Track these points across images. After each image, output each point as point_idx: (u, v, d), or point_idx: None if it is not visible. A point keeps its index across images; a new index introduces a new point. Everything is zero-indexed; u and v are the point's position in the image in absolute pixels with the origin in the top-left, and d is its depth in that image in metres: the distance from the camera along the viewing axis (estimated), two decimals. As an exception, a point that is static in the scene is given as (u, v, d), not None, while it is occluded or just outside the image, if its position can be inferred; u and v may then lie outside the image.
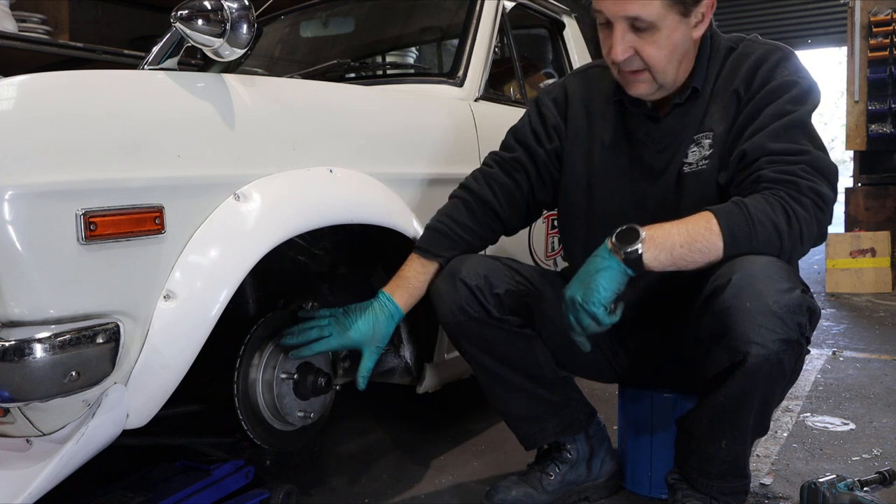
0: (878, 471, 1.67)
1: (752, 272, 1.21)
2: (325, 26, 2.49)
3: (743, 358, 1.21)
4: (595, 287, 1.24)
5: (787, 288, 1.21)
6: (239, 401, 1.38)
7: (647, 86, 1.38)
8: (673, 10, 1.30)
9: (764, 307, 1.19)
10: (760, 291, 1.19)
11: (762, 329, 1.19)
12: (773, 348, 1.19)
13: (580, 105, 1.56)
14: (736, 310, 1.20)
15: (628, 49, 1.33)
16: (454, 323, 1.46)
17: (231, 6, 1.13)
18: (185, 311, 1.13)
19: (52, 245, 1.00)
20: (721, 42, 1.44)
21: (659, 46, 1.32)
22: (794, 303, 1.20)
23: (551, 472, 1.60)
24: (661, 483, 1.60)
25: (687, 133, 1.42)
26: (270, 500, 1.51)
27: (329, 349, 1.43)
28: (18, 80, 1.04)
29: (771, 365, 1.21)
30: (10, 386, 0.99)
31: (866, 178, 5.12)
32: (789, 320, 1.20)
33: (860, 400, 2.33)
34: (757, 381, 1.23)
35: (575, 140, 1.54)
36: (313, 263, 1.66)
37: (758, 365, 1.20)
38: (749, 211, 1.23)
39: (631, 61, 1.34)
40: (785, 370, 1.24)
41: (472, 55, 2.01)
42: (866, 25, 5.03)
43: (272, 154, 1.30)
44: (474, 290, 1.44)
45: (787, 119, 1.30)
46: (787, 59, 1.38)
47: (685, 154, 1.41)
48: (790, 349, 1.21)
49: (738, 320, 1.20)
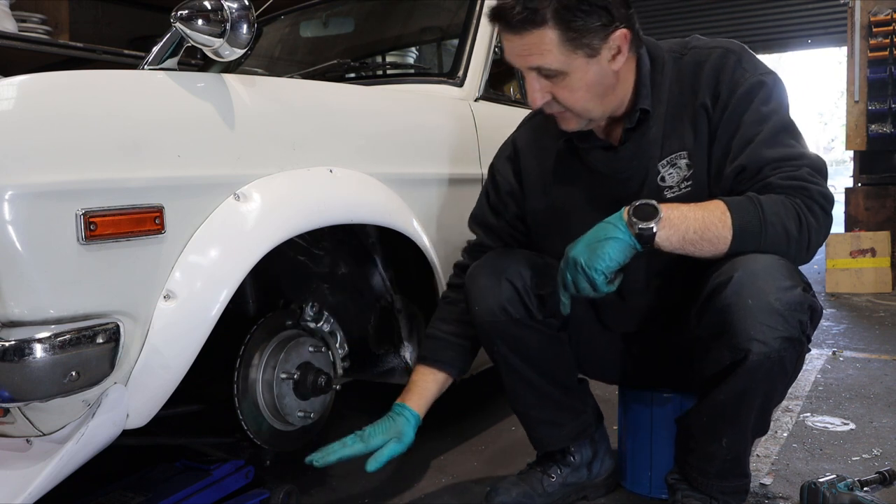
0: (878, 471, 1.67)
1: (754, 270, 1.21)
2: (325, 26, 2.49)
3: (744, 356, 1.20)
4: (601, 254, 1.22)
5: (789, 286, 1.20)
6: (239, 401, 1.38)
7: (576, 122, 1.35)
8: (577, 55, 1.26)
9: (766, 304, 1.18)
10: (762, 289, 1.19)
11: (764, 326, 1.19)
12: (775, 346, 1.19)
13: (530, 155, 1.54)
14: (737, 307, 1.20)
15: (545, 95, 1.30)
16: (493, 322, 1.43)
17: (231, 6, 1.13)
18: (185, 311, 1.13)
19: (52, 245, 1.00)
20: (662, 54, 1.39)
21: (572, 90, 1.29)
22: (796, 300, 1.20)
23: (552, 474, 1.60)
24: (661, 483, 1.60)
25: (650, 154, 1.37)
26: (270, 500, 1.51)
27: (353, 454, 1.42)
28: (18, 80, 1.04)
29: (772, 363, 1.21)
30: (10, 386, 0.99)
31: (866, 178, 5.12)
32: (791, 318, 1.19)
33: (860, 400, 2.33)
34: (758, 379, 1.23)
35: (532, 191, 1.52)
36: (313, 263, 1.66)
37: (759, 363, 1.20)
38: (763, 211, 1.22)
39: (550, 105, 1.32)
40: (786, 368, 1.24)
41: (472, 55, 2.01)
42: (866, 25, 5.03)
43: (272, 154, 1.30)
44: (520, 290, 1.41)
45: (772, 124, 1.29)
46: (742, 57, 1.35)
47: (660, 177, 1.37)
48: (791, 347, 1.21)
49: (739, 318, 1.20)
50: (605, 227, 1.25)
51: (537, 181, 1.52)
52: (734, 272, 1.22)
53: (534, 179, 1.52)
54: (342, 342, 1.65)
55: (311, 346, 1.50)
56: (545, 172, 1.51)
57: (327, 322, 1.60)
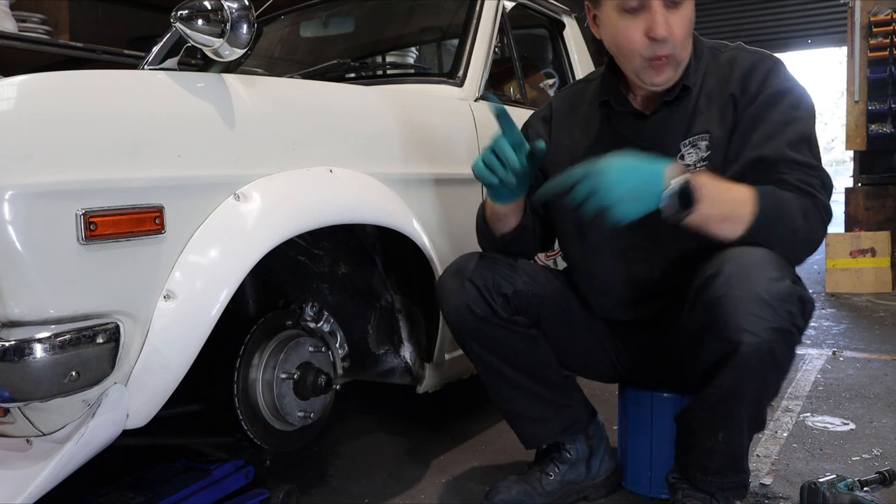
0: (878, 471, 1.67)
1: (743, 262, 1.23)
2: (325, 26, 2.49)
3: (735, 347, 1.22)
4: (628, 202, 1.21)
5: (778, 277, 1.22)
6: (239, 401, 1.38)
7: (671, 70, 1.36)
8: None
9: (754, 296, 1.20)
10: (751, 281, 1.21)
11: (753, 317, 1.20)
12: (765, 336, 1.20)
13: (564, 118, 1.59)
14: (726, 299, 1.22)
15: (670, 24, 1.30)
16: (460, 322, 1.47)
17: (231, 6, 1.13)
18: (185, 311, 1.13)
19: (52, 245, 1.00)
20: (703, 46, 1.44)
21: (683, 25, 1.32)
22: (785, 291, 1.22)
23: (551, 472, 1.60)
24: (661, 483, 1.60)
25: (674, 132, 1.41)
26: (270, 500, 1.51)
27: None
28: (18, 80, 1.04)
29: (763, 354, 1.22)
30: (10, 386, 0.99)
31: (866, 178, 5.12)
32: (780, 308, 1.21)
33: (860, 400, 2.33)
34: (750, 371, 1.25)
35: (558, 149, 1.56)
36: (313, 263, 1.66)
37: (750, 354, 1.22)
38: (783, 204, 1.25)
39: (665, 43, 1.31)
40: (777, 359, 1.25)
41: (472, 55, 2.01)
42: (866, 25, 5.03)
43: (272, 154, 1.30)
44: (482, 289, 1.45)
45: (798, 129, 1.32)
46: (779, 66, 1.39)
47: (679, 155, 1.41)
48: (782, 338, 1.23)
49: (728, 309, 1.22)
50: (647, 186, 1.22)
51: (564, 141, 1.56)
52: (724, 265, 1.24)
53: (561, 138, 1.57)
54: (342, 342, 1.65)
55: (311, 346, 1.50)
56: (574, 134, 1.55)
57: (327, 322, 1.61)
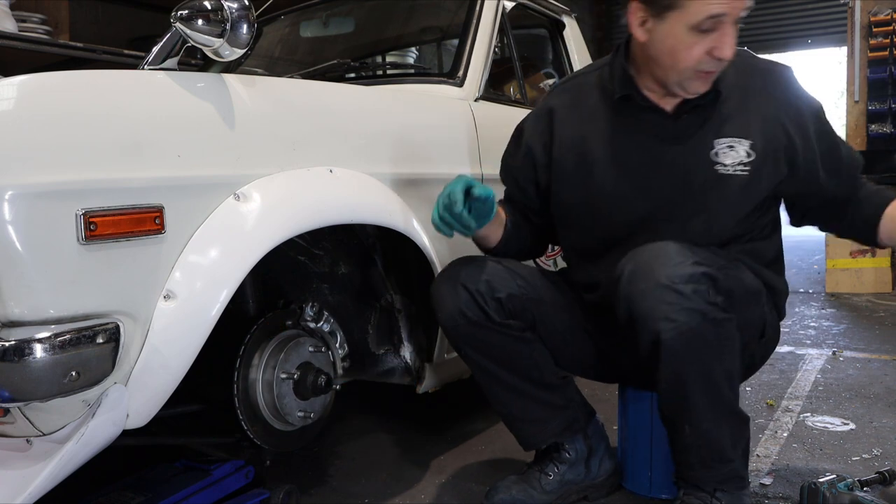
0: (878, 471, 1.67)
1: (641, 258, 1.31)
2: (325, 26, 2.49)
3: (657, 337, 1.27)
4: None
5: (678, 262, 1.28)
6: (239, 401, 1.38)
7: (711, 80, 1.40)
8: None
9: (655, 284, 1.26)
10: (651, 271, 1.28)
11: (662, 304, 1.26)
12: (681, 319, 1.25)
13: (567, 112, 1.57)
14: (634, 295, 1.29)
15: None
16: (454, 326, 1.48)
17: (231, 6, 1.13)
18: (185, 311, 1.13)
19: (52, 245, 1.00)
20: None
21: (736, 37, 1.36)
22: (686, 273, 1.27)
23: (550, 472, 1.60)
24: (660, 483, 1.60)
25: (703, 130, 1.44)
26: (270, 500, 1.51)
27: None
28: (18, 80, 1.04)
29: (687, 337, 1.26)
30: (11, 386, 0.99)
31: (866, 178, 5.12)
32: (685, 289, 1.25)
33: (860, 400, 2.33)
34: (681, 357, 1.28)
35: (562, 145, 1.55)
36: (313, 263, 1.66)
37: (673, 339, 1.26)
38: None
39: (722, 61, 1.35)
40: (708, 340, 1.28)
41: (471, 55, 2.00)
42: (866, 25, 5.03)
43: (272, 154, 1.30)
44: (475, 294, 1.46)
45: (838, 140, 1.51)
46: (793, 74, 1.49)
47: (714, 152, 1.43)
48: (699, 317, 1.26)
49: (638, 304, 1.28)
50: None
51: (571, 135, 1.55)
52: (626, 265, 1.32)
53: (568, 134, 1.56)
54: (342, 342, 1.65)
55: (311, 346, 1.50)
56: (583, 128, 1.54)
57: (327, 322, 1.61)
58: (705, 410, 1.34)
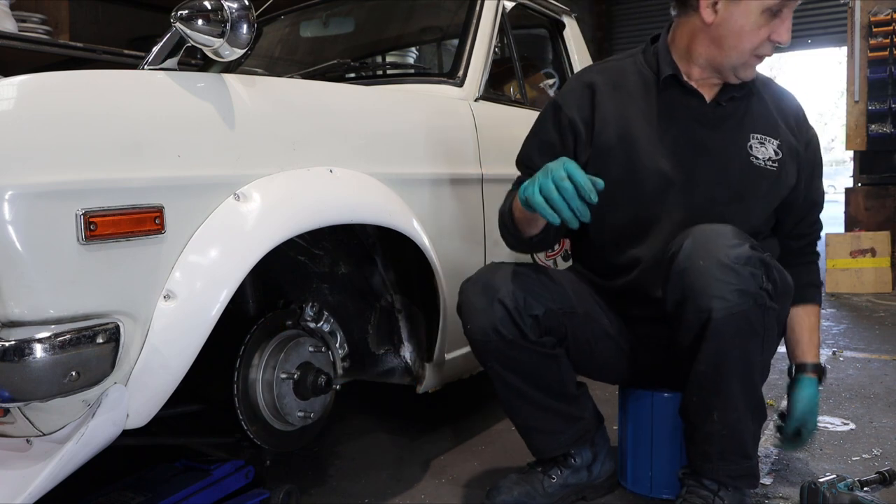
0: (878, 471, 1.67)
1: (702, 235, 1.33)
2: (325, 26, 2.49)
3: (708, 315, 1.28)
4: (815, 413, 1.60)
5: (736, 243, 1.30)
6: (239, 401, 1.38)
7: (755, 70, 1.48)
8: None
9: (716, 262, 1.28)
10: (711, 249, 1.29)
11: (718, 283, 1.27)
12: (733, 300, 1.27)
13: (608, 89, 1.56)
14: (691, 270, 1.30)
15: None
16: (485, 342, 1.44)
17: (231, 6, 1.13)
18: (185, 311, 1.13)
19: (52, 245, 1.00)
20: None
21: None
22: (745, 254, 1.29)
23: (553, 476, 1.59)
24: (661, 483, 1.60)
25: (744, 124, 1.51)
26: (270, 500, 1.51)
27: None
28: (18, 80, 1.04)
29: (737, 319, 1.28)
30: (11, 386, 0.99)
31: (866, 178, 5.11)
32: (742, 271, 1.28)
33: (860, 400, 2.33)
34: (727, 338, 1.29)
35: (605, 120, 1.53)
36: (313, 263, 1.66)
37: (723, 320, 1.28)
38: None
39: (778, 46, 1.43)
40: (753, 325, 1.30)
41: (472, 55, 2.01)
42: (866, 25, 5.03)
43: (272, 154, 1.30)
44: (512, 311, 1.41)
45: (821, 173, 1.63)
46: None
47: (749, 145, 1.50)
48: (751, 301, 1.28)
49: (694, 279, 1.29)
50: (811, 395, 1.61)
51: (614, 112, 1.54)
52: (684, 240, 1.33)
53: (610, 110, 1.55)
54: (342, 342, 1.65)
55: (311, 346, 1.50)
56: (623, 105, 1.54)
57: (327, 322, 1.60)
58: (737, 398, 1.34)
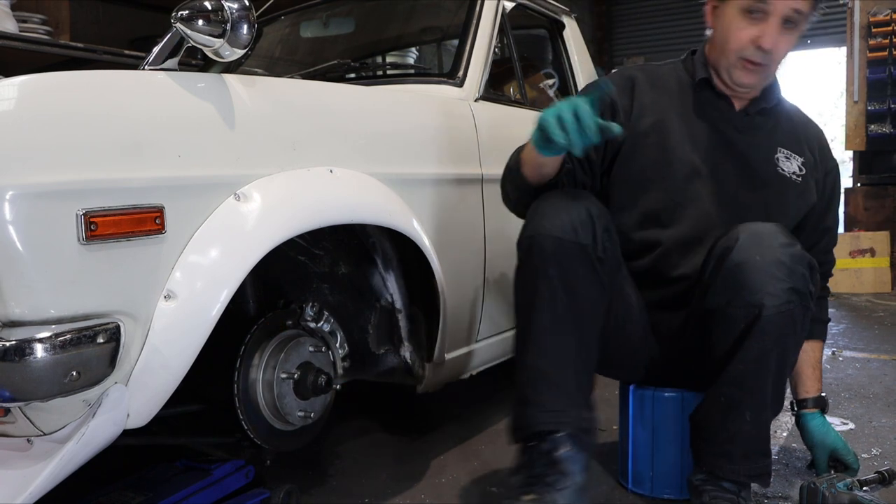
0: (878, 471, 1.67)
1: (757, 231, 1.35)
2: (325, 26, 2.49)
3: (759, 311, 1.29)
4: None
5: (789, 242, 1.34)
6: (239, 401, 1.38)
7: (757, 78, 1.50)
8: (811, 13, 1.45)
9: (772, 257, 1.30)
10: (767, 245, 1.31)
11: (773, 279, 1.29)
12: (784, 297, 1.29)
13: (646, 86, 1.60)
14: (747, 264, 1.31)
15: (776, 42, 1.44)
16: (558, 239, 1.31)
17: (231, 6, 1.13)
18: (186, 311, 1.13)
19: (53, 245, 1.00)
20: None
21: (786, 46, 1.46)
22: (798, 253, 1.33)
23: None
24: (662, 483, 1.60)
25: (773, 137, 1.58)
26: (270, 500, 1.51)
27: None
28: (18, 80, 1.04)
29: (783, 317, 1.30)
30: (11, 386, 0.99)
31: (865, 179, 5.11)
32: (795, 269, 1.31)
33: (859, 400, 2.33)
34: (772, 337, 1.31)
35: (642, 111, 1.57)
36: (313, 263, 1.66)
37: (771, 317, 1.29)
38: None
39: (766, 54, 1.45)
40: (795, 324, 1.33)
41: (471, 55, 2.01)
42: (865, 26, 5.03)
43: (272, 154, 1.30)
44: (594, 217, 1.34)
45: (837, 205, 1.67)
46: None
47: (776, 156, 1.56)
48: (799, 300, 1.31)
49: (750, 273, 1.30)
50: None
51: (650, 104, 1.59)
52: (739, 234, 1.36)
53: (647, 101, 1.59)
54: (342, 342, 1.65)
55: (311, 346, 1.50)
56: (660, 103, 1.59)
57: (327, 322, 1.60)
58: (769, 397, 1.36)
